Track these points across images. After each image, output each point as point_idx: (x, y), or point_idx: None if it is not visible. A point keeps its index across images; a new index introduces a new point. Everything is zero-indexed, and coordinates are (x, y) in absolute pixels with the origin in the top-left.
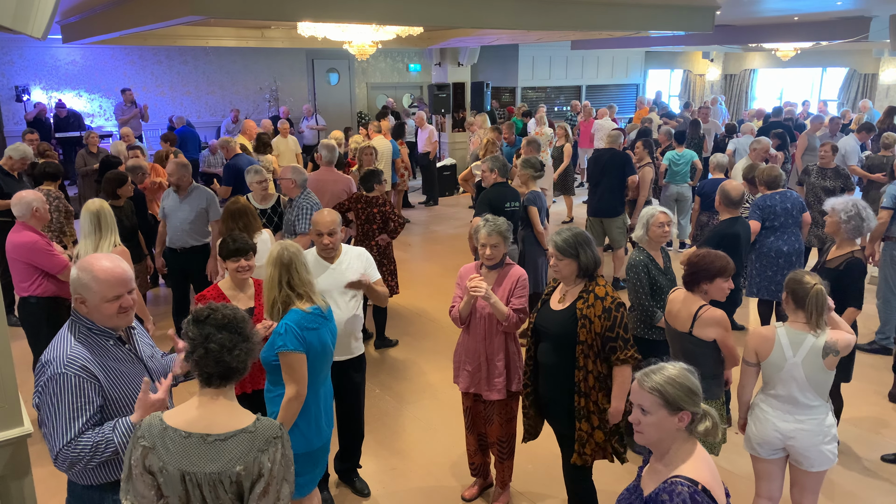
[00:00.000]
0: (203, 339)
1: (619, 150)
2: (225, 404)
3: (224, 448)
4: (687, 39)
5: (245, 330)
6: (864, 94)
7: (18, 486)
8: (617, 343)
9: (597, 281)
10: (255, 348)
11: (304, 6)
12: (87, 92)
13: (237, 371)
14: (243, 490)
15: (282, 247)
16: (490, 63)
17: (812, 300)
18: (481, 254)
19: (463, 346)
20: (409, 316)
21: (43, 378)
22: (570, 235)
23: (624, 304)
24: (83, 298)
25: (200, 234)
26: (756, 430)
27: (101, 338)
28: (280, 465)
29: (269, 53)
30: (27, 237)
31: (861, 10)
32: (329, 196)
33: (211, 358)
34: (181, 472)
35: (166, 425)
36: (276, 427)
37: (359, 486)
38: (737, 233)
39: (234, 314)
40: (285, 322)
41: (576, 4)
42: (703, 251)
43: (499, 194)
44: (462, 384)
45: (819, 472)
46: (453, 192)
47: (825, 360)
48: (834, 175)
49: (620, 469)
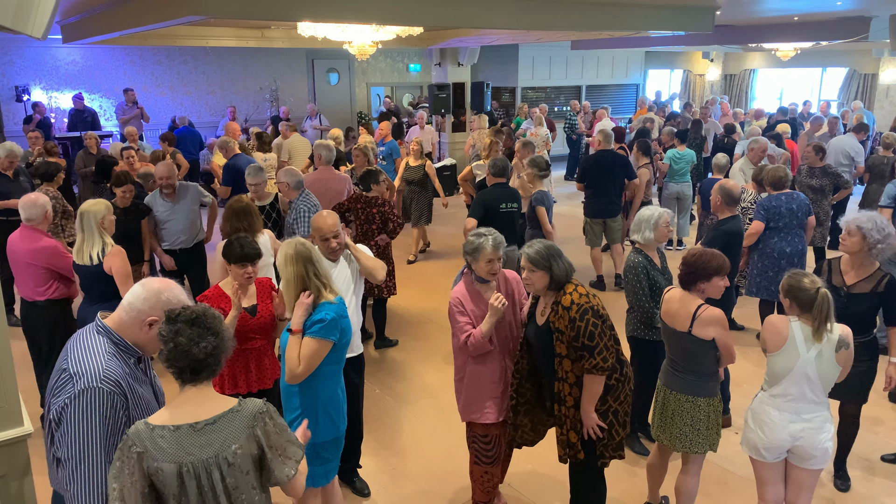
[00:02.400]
0: (173, 335)
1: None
2: (205, 393)
3: (215, 431)
4: (687, 39)
5: (214, 325)
6: (864, 94)
7: (18, 486)
8: (582, 353)
9: (565, 289)
10: (223, 345)
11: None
12: (87, 92)
13: (206, 365)
14: (247, 471)
15: (296, 243)
16: (490, 63)
17: (819, 306)
18: (489, 269)
19: (482, 376)
20: (408, 316)
21: (72, 390)
22: (543, 247)
23: (591, 310)
24: (159, 320)
25: (196, 233)
26: (765, 436)
27: (126, 354)
28: (276, 433)
29: (269, 53)
30: (47, 242)
31: (861, 10)
32: (330, 195)
33: (179, 351)
34: (178, 466)
35: (153, 426)
36: (260, 403)
37: (359, 485)
38: (740, 230)
39: (203, 311)
40: (325, 311)
41: (576, 4)
42: (699, 250)
43: (495, 195)
44: (492, 415)
45: (818, 470)
46: (453, 193)
47: (837, 354)
48: (821, 174)
49: (620, 469)
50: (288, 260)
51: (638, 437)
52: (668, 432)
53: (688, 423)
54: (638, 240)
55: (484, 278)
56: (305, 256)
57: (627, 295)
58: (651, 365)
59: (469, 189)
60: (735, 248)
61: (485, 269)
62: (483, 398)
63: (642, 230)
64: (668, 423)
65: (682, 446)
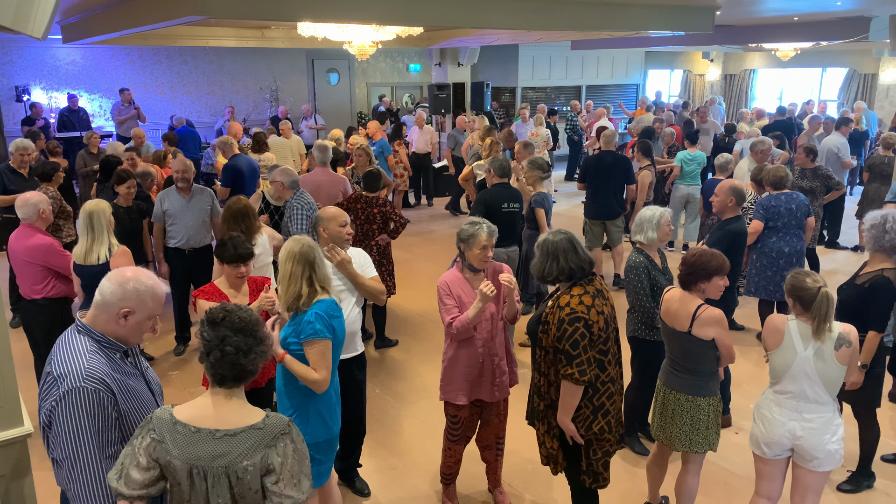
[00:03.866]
0: (219, 342)
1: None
2: (235, 403)
3: (232, 443)
4: (687, 39)
5: (259, 333)
6: (864, 95)
7: (18, 486)
8: (560, 357)
9: (572, 290)
10: (268, 351)
11: (304, 6)
12: (87, 92)
13: (251, 373)
14: (255, 489)
15: (300, 242)
16: (490, 63)
17: (818, 305)
18: (481, 256)
19: (459, 359)
20: (408, 316)
21: (57, 392)
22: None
23: (581, 319)
24: (132, 311)
25: (207, 233)
26: (764, 430)
27: (110, 350)
28: (293, 460)
29: (269, 53)
30: (42, 240)
31: (861, 10)
32: (325, 197)
33: (227, 361)
34: (189, 466)
35: (176, 420)
36: (285, 423)
37: (359, 485)
38: (745, 230)
39: (249, 317)
40: (314, 311)
41: (576, 4)
42: (699, 250)
43: (496, 195)
44: (463, 398)
45: (824, 472)
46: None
47: (837, 353)
48: (812, 175)
49: (620, 469)
50: (288, 256)
51: (638, 437)
52: (667, 432)
53: (688, 422)
54: (640, 240)
55: (476, 267)
56: (308, 257)
57: (628, 295)
58: (651, 365)
59: (470, 189)
60: (739, 248)
61: (478, 256)
62: (457, 381)
63: (645, 230)
64: (668, 423)
65: (682, 446)
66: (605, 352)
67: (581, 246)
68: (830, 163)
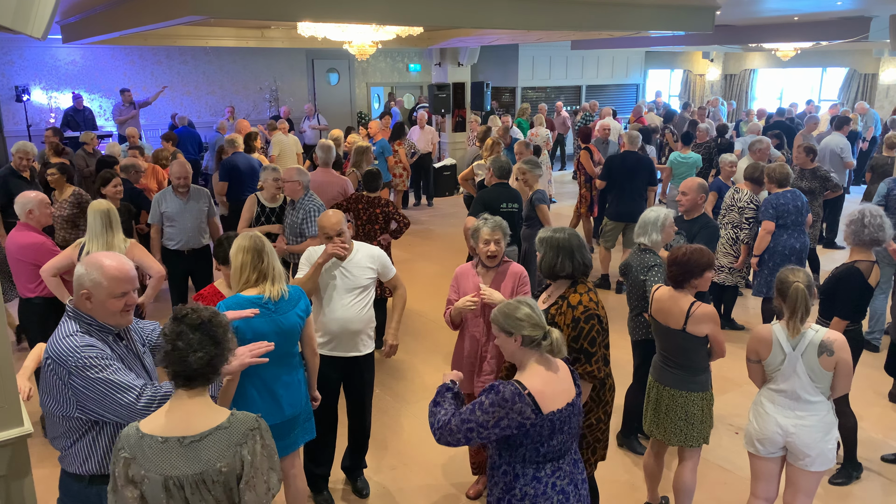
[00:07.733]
0: (175, 336)
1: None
2: (199, 403)
3: (201, 448)
4: (687, 39)
5: (217, 335)
6: (864, 95)
7: (18, 486)
8: (580, 356)
9: (577, 287)
10: (223, 354)
11: (304, 6)
12: (87, 92)
13: (201, 374)
14: (231, 488)
15: (250, 235)
16: (490, 63)
17: (791, 299)
18: (483, 251)
19: (460, 349)
20: (408, 316)
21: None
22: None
23: (597, 317)
24: (90, 294)
25: (205, 234)
26: (757, 426)
27: (101, 333)
28: (262, 456)
29: (268, 53)
30: (32, 238)
31: (861, 10)
32: (325, 199)
33: (175, 356)
34: (163, 478)
35: (143, 433)
36: (252, 419)
37: (359, 485)
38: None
39: (211, 317)
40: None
41: (576, 4)
42: (688, 248)
43: (495, 195)
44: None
45: (817, 472)
46: (453, 193)
47: (820, 359)
48: (811, 176)
49: (620, 469)
50: (239, 248)
51: (637, 438)
52: (662, 427)
53: (682, 417)
54: (644, 242)
55: (483, 262)
56: (258, 248)
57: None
58: None
59: (470, 189)
60: (715, 241)
61: (482, 251)
62: (457, 369)
63: (649, 232)
64: (661, 419)
65: (677, 440)
66: (608, 346)
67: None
68: (832, 163)
